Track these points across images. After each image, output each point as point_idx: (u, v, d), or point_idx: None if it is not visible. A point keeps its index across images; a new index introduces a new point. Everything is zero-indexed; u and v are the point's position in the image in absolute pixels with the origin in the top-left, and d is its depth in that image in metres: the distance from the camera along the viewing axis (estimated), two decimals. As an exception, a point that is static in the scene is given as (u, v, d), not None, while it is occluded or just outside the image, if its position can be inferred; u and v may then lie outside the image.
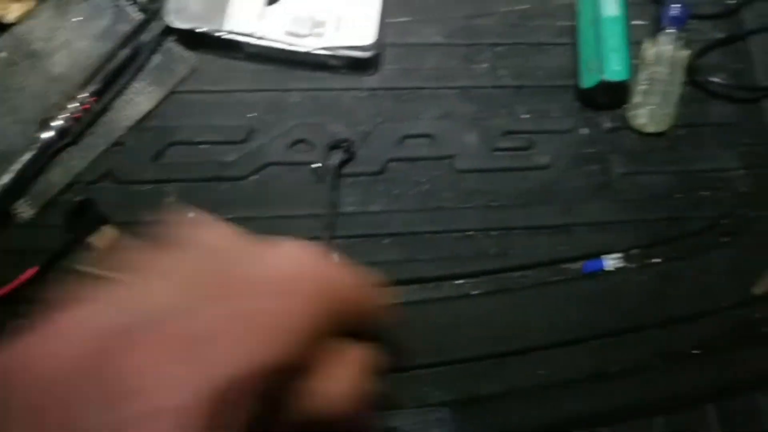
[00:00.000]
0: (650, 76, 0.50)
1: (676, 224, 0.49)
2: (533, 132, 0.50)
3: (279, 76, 0.49)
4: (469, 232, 0.48)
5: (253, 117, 0.48)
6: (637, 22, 0.52)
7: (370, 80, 0.50)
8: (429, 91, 0.50)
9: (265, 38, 0.47)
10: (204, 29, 0.47)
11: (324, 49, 0.48)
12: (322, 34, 0.48)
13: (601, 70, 0.48)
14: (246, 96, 0.49)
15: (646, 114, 0.50)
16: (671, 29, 0.51)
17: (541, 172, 0.49)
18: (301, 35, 0.48)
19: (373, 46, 0.48)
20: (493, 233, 0.48)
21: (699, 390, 0.45)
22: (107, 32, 0.48)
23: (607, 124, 0.51)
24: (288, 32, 0.48)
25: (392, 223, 0.47)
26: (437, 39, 0.52)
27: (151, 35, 0.49)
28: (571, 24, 0.52)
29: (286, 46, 0.48)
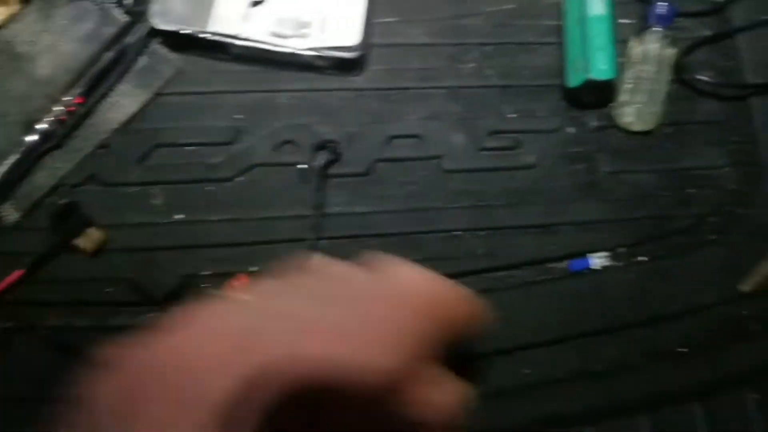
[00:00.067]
0: (637, 75, 0.50)
1: (662, 222, 0.49)
2: (520, 131, 0.50)
3: (265, 77, 0.49)
4: (457, 232, 0.48)
5: (239, 118, 0.48)
6: (623, 21, 0.52)
7: (357, 81, 0.50)
8: (415, 92, 0.50)
9: (251, 39, 0.47)
10: (189, 31, 0.47)
11: (310, 49, 0.48)
12: (307, 35, 0.48)
13: (587, 69, 0.48)
14: (232, 97, 0.49)
15: (633, 112, 0.50)
16: (658, 27, 0.51)
17: (527, 172, 0.49)
18: (287, 36, 0.48)
19: (359, 47, 0.48)
20: (481, 233, 0.48)
21: (686, 388, 0.45)
22: (92, 35, 0.48)
23: (594, 123, 0.51)
24: (273, 33, 0.48)
25: (379, 223, 0.47)
26: (423, 39, 0.51)
27: (136, 37, 0.49)
28: (558, 23, 0.52)
29: (272, 47, 0.48)
